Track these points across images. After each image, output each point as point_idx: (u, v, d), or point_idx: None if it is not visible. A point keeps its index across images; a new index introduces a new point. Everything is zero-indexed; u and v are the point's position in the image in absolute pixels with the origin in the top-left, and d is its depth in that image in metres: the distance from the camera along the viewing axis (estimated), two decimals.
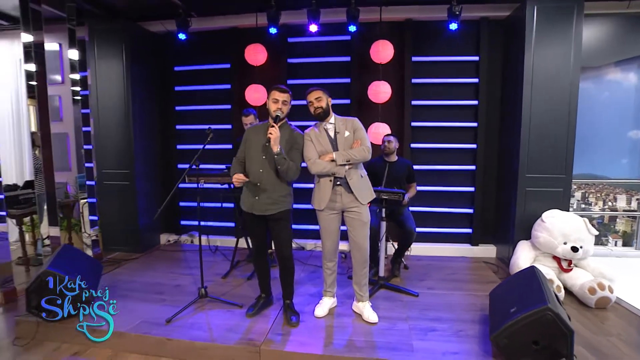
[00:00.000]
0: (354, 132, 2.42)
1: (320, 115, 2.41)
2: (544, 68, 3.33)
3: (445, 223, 4.10)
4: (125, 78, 3.95)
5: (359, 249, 2.45)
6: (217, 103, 4.35)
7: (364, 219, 2.41)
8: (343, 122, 2.45)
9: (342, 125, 2.43)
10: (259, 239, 2.52)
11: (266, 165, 2.36)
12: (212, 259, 3.76)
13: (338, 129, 2.41)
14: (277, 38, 4.00)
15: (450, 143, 3.99)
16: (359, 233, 2.42)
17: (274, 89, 2.38)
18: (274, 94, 2.36)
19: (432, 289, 2.95)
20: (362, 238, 2.42)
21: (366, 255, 2.47)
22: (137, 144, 4.07)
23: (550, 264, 3.18)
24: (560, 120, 3.37)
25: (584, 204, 4.01)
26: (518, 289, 2.11)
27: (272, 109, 2.36)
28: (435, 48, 3.92)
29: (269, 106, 2.38)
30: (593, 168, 3.95)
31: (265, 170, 2.36)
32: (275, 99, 2.35)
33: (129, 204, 4.08)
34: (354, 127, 2.43)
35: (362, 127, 2.47)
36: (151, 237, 4.39)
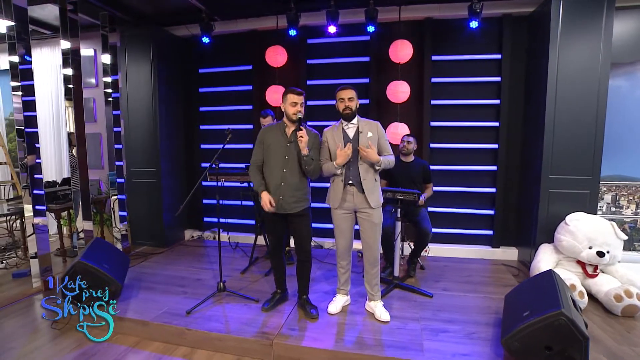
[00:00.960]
0: (378, 136, 2.45)
1: (347, 116, 2.44)
2: (571, 65, 3.21)
3: (465, 224, 4.04)
4: (153, 80, 4.15)
5: (369, 249, 2.48)
6: (239, 104, 4.48)
7: (375, 220, 2.44)
8: (367, 123, 2.49)
9: (365, 126, 2.47)
10: (277, 237, 2.59)
11: (289, 165, 2.44)
12: (232, 255, 3.90)
13: (361, 129, 2.45)
14: (296, 40, 4.07)
15: (470, 143, 3.92)
16: (370, 234, 2.45)
17: (290, 92, 2.42)
18: (291, 97, 2.41)
19: (447, 290, 2.93)
20: (372, 239, 2.45)
21: (376, 255, 2.49)
22: (163, 143, 4.27)
23: (574, 269, 3.06)
24: (587, 119, 3.24)
25: (615, 207, 3.82)
26: (533, 293, 2.06)
27: (290, 112, 2.41)
28: (456, 47, 3.86)
29: (287, 109, 2.43)
30: (624, 169, 3.76)
31: (288, 170, 2.44)
32: (294, 102, 2.40)
33: (155, 201, 4.29)
34: (378, 131, 2.47)
35: (385, 133, 2.54)
36: (176, 233, 4.59)
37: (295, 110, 2.41)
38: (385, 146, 2.48)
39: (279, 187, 2.44)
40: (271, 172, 2.46)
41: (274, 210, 2.42)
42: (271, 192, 2.45)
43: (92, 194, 4.12)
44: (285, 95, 2.45)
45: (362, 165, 2.41)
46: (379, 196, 2.47)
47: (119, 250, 3.07)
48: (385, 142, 2.49)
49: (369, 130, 2.44)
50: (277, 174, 2.44)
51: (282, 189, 2.44)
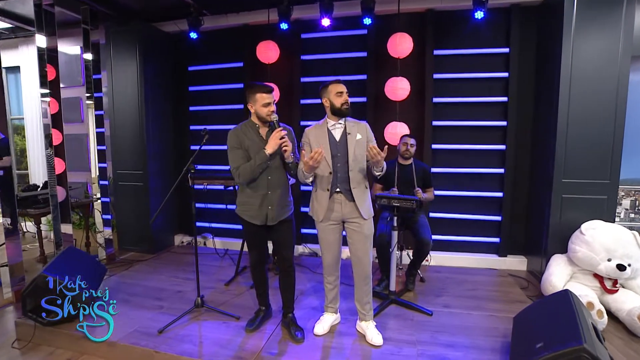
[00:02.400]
0: (367, 140, 2.20)
1: (347, 112, 2.18)
2: (586, 59, 2.92)
3: (469, 231, 3.75)
4: (139, 79, 3.95)
5: (359, 263, 2.22)
6: (230, 103, 4.26)
7: (366, 231, 2.18)
8: (354, 124, 2.24)
9: (353, 127, 2.21)
10: (261, 249, 2.37)
11: (273, 171, 2.21)
12: (220, 263, 3.67)
13: (349, 130, 2.19)
14: (289, 34, 3.84)
15: (475, 144, 3.64)
16: (361, 247, 2.19)
17: (259, 90, 2.15)
18: (262, 97, 2.14)
19: (448, 306, 2.65)
20: (363, 252, 2.19)
21: (368, 271, 2.23)
22: (151, 144, 4.06)
23: (590, 283, 2.77)
24: (605, 118, 2.94)
25: (634, 214, 3.52)
26: (547, 318, 1.79)
27: (264, 113, 2.16)
28: (460, 40, 3.58)
29: (258, 110, 2.17)
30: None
31: (272, 177, 2.21)
32: (266, 102, 2.15)
33: (142, 205, 4.09)
34: (367, 133, 2.22)
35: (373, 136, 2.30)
36: (165, 238, 4.39)
37: (269, 110, 2.16)
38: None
39: (265, 197, 2.21)
40: (254, 182, 2.20)
41: (264, 192, 2.19)
42: (256, 206, 2.20)
43: (74, 197, 3.92)
44: (252, 94, 2.16)
45: (353, 171, 2.15)
46: (370, 205, 2.22)
47: (94, 259, 2.86)
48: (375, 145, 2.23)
49: (357, 132, 2.18)
50: (261, 182, 2.20)
51: (270, 199, 2.21)
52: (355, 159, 2.14)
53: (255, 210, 2.21)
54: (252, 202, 2.22)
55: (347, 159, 2.15)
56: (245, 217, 2.25)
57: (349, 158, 2.15)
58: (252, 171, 2.12)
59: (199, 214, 4.50)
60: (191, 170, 2.43)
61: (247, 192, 2.23)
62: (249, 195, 2.22)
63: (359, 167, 2.15)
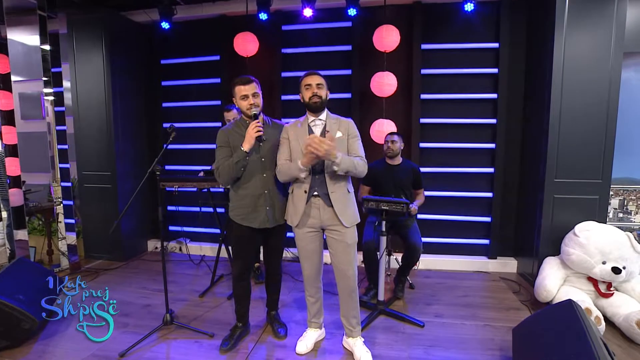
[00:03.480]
0: (348, 137, 2.00)
1: (315, 106, 1.96)
2: (578, 55, 2.81)
3: (458, 233, 3.62)
4: (106, 72, 3.63)
5: (343, 277, 2.01)
6: (206, 98, 3.98)
7: (349, 240, 1.97)
8: (336, 121, 2.03)
9: (334, 124, 2.00)
10: (249, 258, 2.17)
11: (269, 168, 2.04)
12: (195, 272, 3.39)
13: (329, 128, 1.98)
14: (269, 26, 3.61)
15: (465, 142, 3.50)
16: (343, 257, 1.98)
17: (237, 82, 2.01)
18: (239, 89, 1.99)
19: (440, 316, 2.48)
20: (346, 263, 1.98)
21: (353, 284, 2.02)
22: (120, 143, 3.75)
23: (584, 287, 2.67)
24: (597, 115, 2.85)
25: (622, 213, 3.46)
26: (553, 333, 1.63)
27: (244, 107, 2.01)
28: (448, 34, 3.42)
29: (239, 104, 2.03)
30: (632, 171, 3.39)
31: (268, 175, 2.04)
32: (242, 95, 1.98)
33: (110, 209, 3.77)
34: (349, 130, 2.01)
35: (358, 133, 2.07)
36: (136, 244, 4.08)
37: (248, 104, 1.98)
38: (355, 147, 2.01)
39: (261, 197, 2.02)
40: (247, 182, 2.02)
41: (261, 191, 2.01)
42: (250, 208, 2.02)
43: (33, 201, 3.56)
44: (233, 87, 2.02)
45: (330, 172, 1.92)
46: (354, 212, 2.01)
47: (48, 272, 2.55)
48: (355, 143, 2.02)
49: (337, 130, 1.99)
50: (256, 182, 2.02)
51: (268, 198, 2.03)
52: None
53: (249, 212, 2.03)
54: (245, 203, 2.03)
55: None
56: (238, 220, 2.05)
57: None
58: (230, 170, 1.95)
59: (172, 217, 4.21)
60: (156, 172, 2.15)
61: (240, 192, 2.05)
62: (242, 196, 2.04)
63: (322, 161, 1.93)
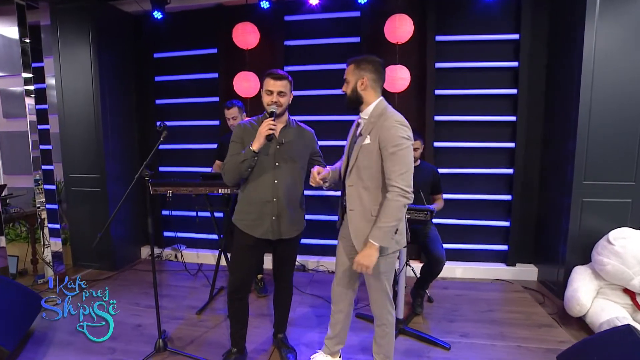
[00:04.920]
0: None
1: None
2: (610, 47, 2.58)
3: (474, 238, 3.38)
4: (94, 67, 3.34)
5: (372, 302, 1.74)
6: (203, 95, 3.70)
7: (376, 268, 1.64)
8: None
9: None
10: (248, 272, 1.91)
11: (281, 175, 1.80)
12: (192, 283, 3.12)
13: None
14: (271, 16, 3.35)
15: (482, 141, 3.25)
16: (370, 282, 1.70)
17: (266, 76, 1.78)
18: (266, 83, 1.77)
19: (466, 336, 2.23)
20: (372, 289, 1.70)
21: (382, 314, 1.72)
22: (109, 143, 3.47)
23: (620, 300, 2.44)
24: (630, 112, 2.62)
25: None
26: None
27: (265, 103, 1.78)
28: (465, 25, 3.17)
29: (263, 97, 1.80)
30: None
31: (279, 181, 1.80)
32: (268, 90, 1.75)
33: (100, 213, 3.48)
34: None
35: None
36: (129, 251, 3.80)
37: (270, 100, 1.75)
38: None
39: (268, 205, 1.79)
40: (256, 186, 1.80)
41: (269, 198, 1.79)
42: (254, 215, 1.81)
43: (14, 207, 3.28)
44: (263, 79, 1.82)
45: (351, 177, 1.63)
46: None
47: (25, 289, 2.27)
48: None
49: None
50: (265, 187, 1.79)
51: (276, 207, 1.80)
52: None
53: (252, 218, 1.81)
54: (250, 209, 1.82)
55: (348, 165, 1.72)
56: (241, 226, 1.83)
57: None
58: (234, 168, 1.75)
59: (166, 221, 3.93)
60: (145, 176, 1.89)
61: (246, 196, 1.83)
62: (248, 201, 1.83)
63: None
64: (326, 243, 3.56)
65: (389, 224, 1.49)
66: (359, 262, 1.52)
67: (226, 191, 2.40)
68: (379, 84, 1.63)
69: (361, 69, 1.60)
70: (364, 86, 1.60)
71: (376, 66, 1.60)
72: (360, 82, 1.60)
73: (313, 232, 3.40)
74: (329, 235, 3.51)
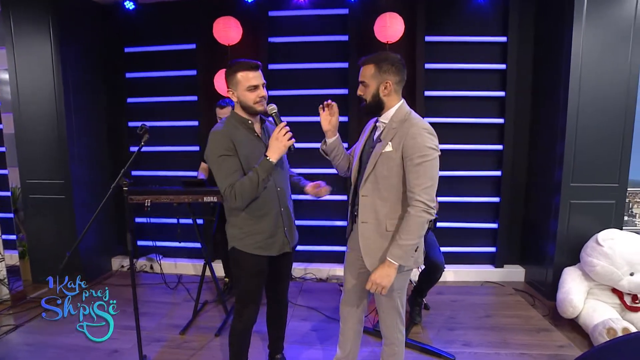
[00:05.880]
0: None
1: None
2: (596, 51, 2.62)
3: (463, 241, 3.36)
4: (55, 62, 3.01)
5: (381, 320, 1.63)
6: (181, 93, 3.44)
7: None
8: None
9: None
10: (258, 302, 1.69)
11: (282, 179, 1.66)
12: (172, 298, 2.87)
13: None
14: (255, 11, 3.17)
15: (470, 144, 3.23)
16: (379, 299, 1.59)
17: (240, 67, 1.50)
18: (245, 76, 1.49)
19: (469, 345, 2.18)
20: (381, 306, 1.59)
21: (390, 333, 1.60)
22: (75, 146, 3.15)
23: (609, 300, 2.49)
24: (614, 115, 2.69)
25: (627, 216, 3.35)
26: None
27: (251, 102, 1.52)
28: (454, 25, 3.14)
29: (243, 97, 1.52)
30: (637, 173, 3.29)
31: (282, 188, 1.64)
32: (252, 85, 1.50)
33: (64, 223, 3.16)
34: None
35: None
36: (99, 263, 3.48)
37: (257, 96, 1.52)
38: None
39: (279, 216, 1.61)
40: (262, 200, 1.57)
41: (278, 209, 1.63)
42: (267, 232, 1.59)
43: None
44: (232, 74, 1.52)
45: (365, 186, 1.48)
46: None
47: None
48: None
49: None
50: (272, 198, 1.59)
51: (285, 217, 1.63)
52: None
53: (267, 237, 1.59)
54: (262, 227, 1.58)
55: (360, 167, 1.64)
56: (255, 250, 1.58)
57: None
58: (253, 190, 1.48)
59: (141, 229, 3.63)
60: (123, 185, 1.68)
61: (253, 215, 1.57)
62: (255, 219, 1.57)
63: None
64: (313, 249, 3.42)
65: (411, 241, 1.36)
66: (375, 281, 1.39)
67: (212, 199, 2.20)
68: (402, 86, 1.48)
69: (384, 71, 1.42)
70: (387, 91, 1.43)
71: (399, 67, 1.44)
72: (383, 87, 1.43)
73: (300, 238, 3.25)
74: (316, 241, 3.38)
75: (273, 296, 1.86)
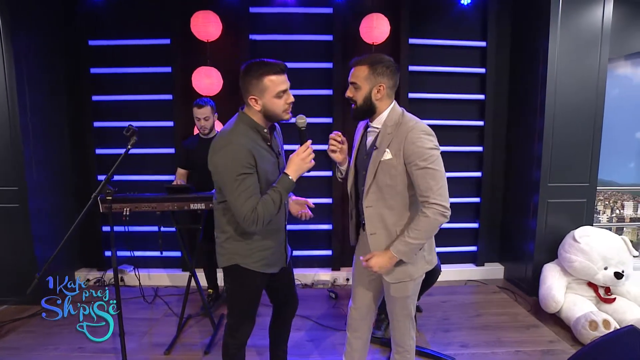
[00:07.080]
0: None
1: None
2: (570, 56, 2.77)
3: (446, 241, 3.41)
4: (6, 54, 2.67)
5: (392, 328, 1.59)
6: (152, 92, 3.19)
7: (395, 293, 1.47)
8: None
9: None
10: (257, 310, 1.58)
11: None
12: (149, 313, 2.64)
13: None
14: (236, 6, 3.03)
15: (451, 145, 3.29)
16: (389, 305, 1.54)
17: (266, 70, 1.34)
18: (273, 81, 1.35)
19: (466, 346, 2.19)
20: (392, 313, 1.55)
21: (401, 339, 1.56)
22: (30, 149, 2.82)
23: (586, 293, 2.63)
24: (587, 119, 2.86)
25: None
26: None
27: (280, 110, 1.38)
28: (438, 29, 3.19)
29: (269, 105, 1.37)
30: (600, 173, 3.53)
31: (285, 202, 1.57)
32: (282, 89, 1.36)
33: (18, 235, 2.82)
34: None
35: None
36: (61, 278, 3.13)
37: (285, 103, 1.36)
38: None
39: (282, 232, 1.55)
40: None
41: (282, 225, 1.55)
42: (275, 247, 1.49)
43: None
44: (256, 79, 1.32)
45: (369, 197, 1.42)
46: (406, 267, 1.41)
47: None
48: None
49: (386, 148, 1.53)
50: (280, 214, 1.46)
51: (285, 231, 1.58)
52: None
53: (270, 254, 1.48)
54: (265, 245, 1.45)
55: (362, 170, 1.55)
56: (261, 268, 1.46)
57: None
58: (277, 211, 1.36)
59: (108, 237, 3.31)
60: (107, 195, 1.50)
61: (260, 231, 1.42)
62: (264, 235, 1.44)
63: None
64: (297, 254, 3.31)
65: (420, 241, 1.34)
66: (370, 263, 1.37)
67: (200, 206, 2.04)
68: (394, 91, 1.43)
69: (378, 73, 1.35)
70: (380, 95, 1.37)
71: (394, 70, 1.39)
72: (376, 90, 1.36)
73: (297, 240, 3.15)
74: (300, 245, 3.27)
75: (283, 309, 1.73)
